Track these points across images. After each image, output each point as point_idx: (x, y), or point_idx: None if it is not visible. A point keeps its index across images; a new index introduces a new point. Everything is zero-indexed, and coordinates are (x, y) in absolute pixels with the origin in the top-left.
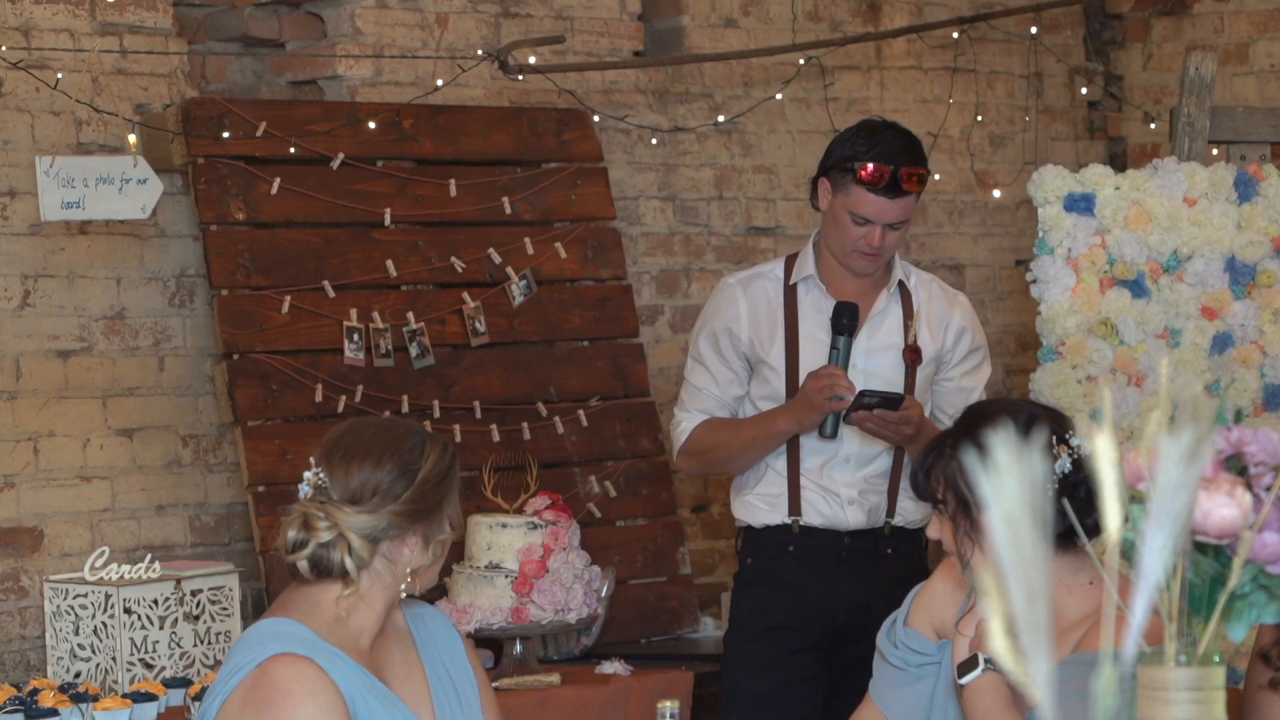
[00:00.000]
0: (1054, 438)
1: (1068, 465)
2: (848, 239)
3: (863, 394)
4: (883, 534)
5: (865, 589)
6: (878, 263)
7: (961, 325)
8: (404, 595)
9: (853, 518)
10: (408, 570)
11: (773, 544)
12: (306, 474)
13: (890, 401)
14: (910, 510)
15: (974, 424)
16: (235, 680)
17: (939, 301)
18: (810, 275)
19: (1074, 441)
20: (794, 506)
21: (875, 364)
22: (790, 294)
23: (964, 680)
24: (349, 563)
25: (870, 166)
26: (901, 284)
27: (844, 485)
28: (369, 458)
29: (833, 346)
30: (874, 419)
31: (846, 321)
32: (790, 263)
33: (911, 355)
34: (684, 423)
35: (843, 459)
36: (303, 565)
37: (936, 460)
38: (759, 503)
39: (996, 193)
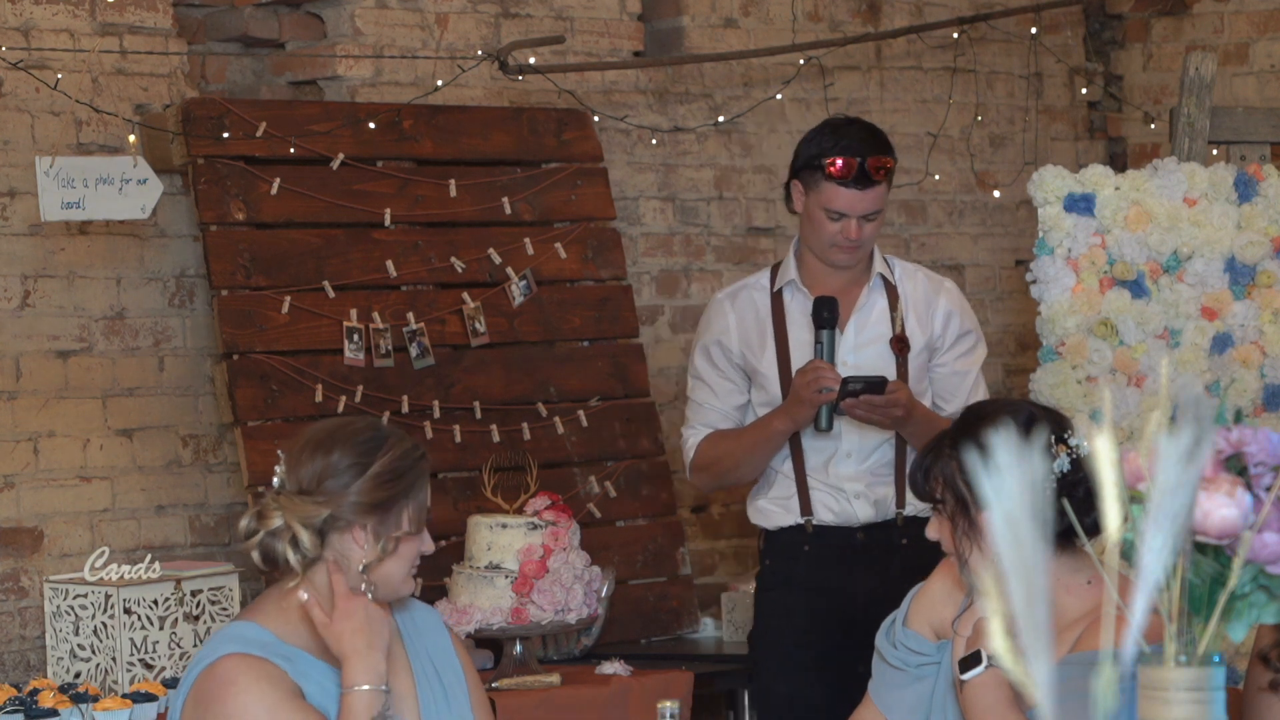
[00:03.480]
0: (1053, 437)
1: (1066, 464)
2: (825, 236)
3: (846, 381)
4: (896, 525)
5: (882, 581)
6: (857, 255)
7: (949, 310)
8: (369, 594)
9: (861, 512)
10: (359, 567)
11: (789, 545)
12: (276, 467)
13: (874, 386)
14: None
15: (973, 424)
16: (189, 680)
17: (924, 289)
18: (792, 279)
19: (1073, 441)
20: (805, 506)
21: (864, 357)
22: (776, 300)
23: (966, 676)
24: (292, 555)
25: (839, 161)
26: (884, 278)
27: (848, 480)
28: (320, 448)
29: (816, 341)
30: (862, 405)
31: (827, 315)
32: (775, 270)
33: (898, 345)
34: (690, 439)
35: (844, 454)
36: (254, 555)
37: (935, 460)
38: (772, 507)
39: (996, 193)
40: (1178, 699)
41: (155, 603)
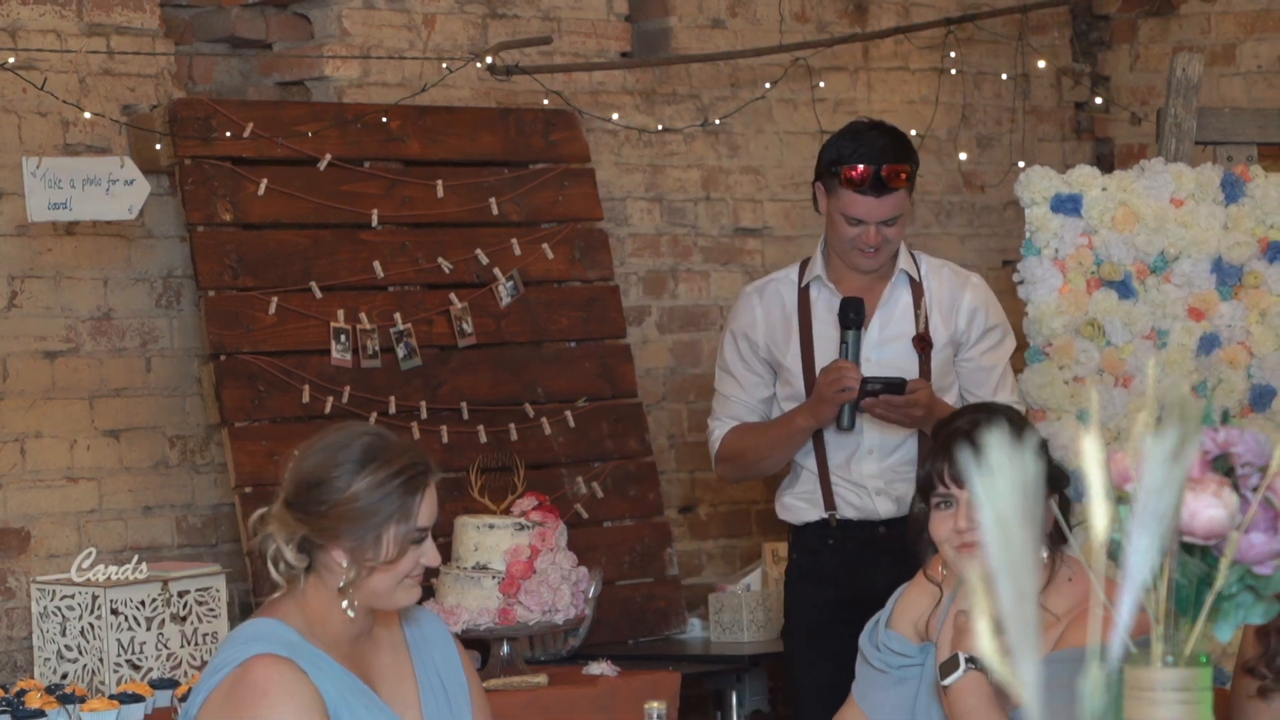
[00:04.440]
0: None
1: None
2: (845, 239)
3: (865, 381)
4: None
5: (905, 572)
6: (878, 259)
7: (973, 306)
8: (350, 613)
9: (883, 508)
10: (339, 584)
11: (814, 539)
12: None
13: (893, 386)
14: None
15: (971, 424)
16: (218, 678)
17: (949, 286)
18: (819, 275)
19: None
20: (828, 502)
21: (888, 354)
22: (803, 296)
23: (946, 681)
24: (272, 567)
25: (855, 169)
26: (909, 275)
27: (870, 477)
28: (307, 462)
29: (841, 341)
30: (881, 404)
31: (853, 315)
32: (804, 266)
33: (920, 343)
34: (716, 431)
35: (866, 451)
36: (265, 563)
37: (947, 461)
38: (798, 502)
39: (984, 193)
40: (1165, 699)
41: (142, 603)
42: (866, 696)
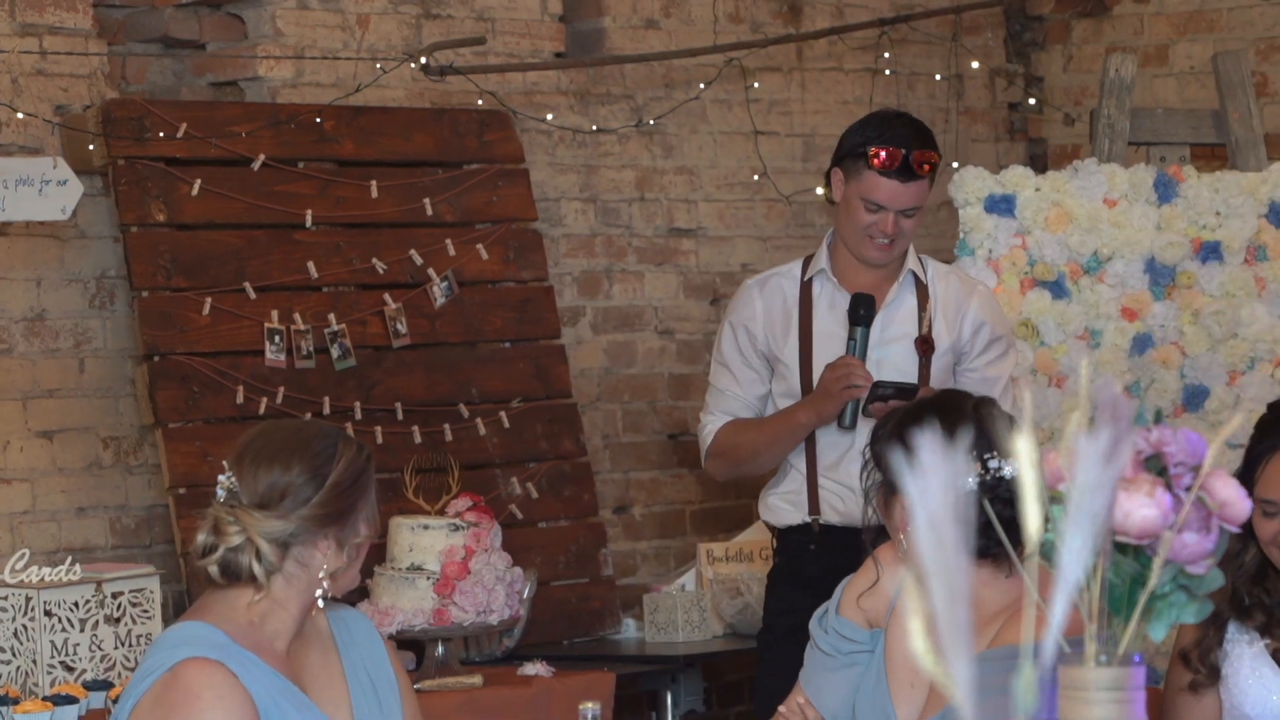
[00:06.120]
0: (974, 453)
1: (970, 485)
2: (861, 227)
3: (877, 385)
4: None
5: None
6: (891, 253)
7: (980, 318)
8: (320, 601)
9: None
10: (320, 574)
11: (796, 543)
12: (220, 477)
13: (905, 392)
14: None
15: (905, 422)
16: (147, 683)
17: (955, 293)
18: (823, 269)
19: (992, 463)
20: (813, 505)
21: (888, 354)
22: (805, 290)
23: None
24: (257, 568)
25: (883, 152)
26: (917, 277)
27: (859, 479)
28: (277, 461)
29: (850, 337)
30: (890, 410)
31: (864, 313)
32: (807, 261)
33: (923, 345)
34: (708, 425)
35: (858, 452)
36: (213, 570)
37: (887, 438)
38: (782, 503)
39: None
40: (1098, 699)
41: (76, 605)
42: (812, 680)
